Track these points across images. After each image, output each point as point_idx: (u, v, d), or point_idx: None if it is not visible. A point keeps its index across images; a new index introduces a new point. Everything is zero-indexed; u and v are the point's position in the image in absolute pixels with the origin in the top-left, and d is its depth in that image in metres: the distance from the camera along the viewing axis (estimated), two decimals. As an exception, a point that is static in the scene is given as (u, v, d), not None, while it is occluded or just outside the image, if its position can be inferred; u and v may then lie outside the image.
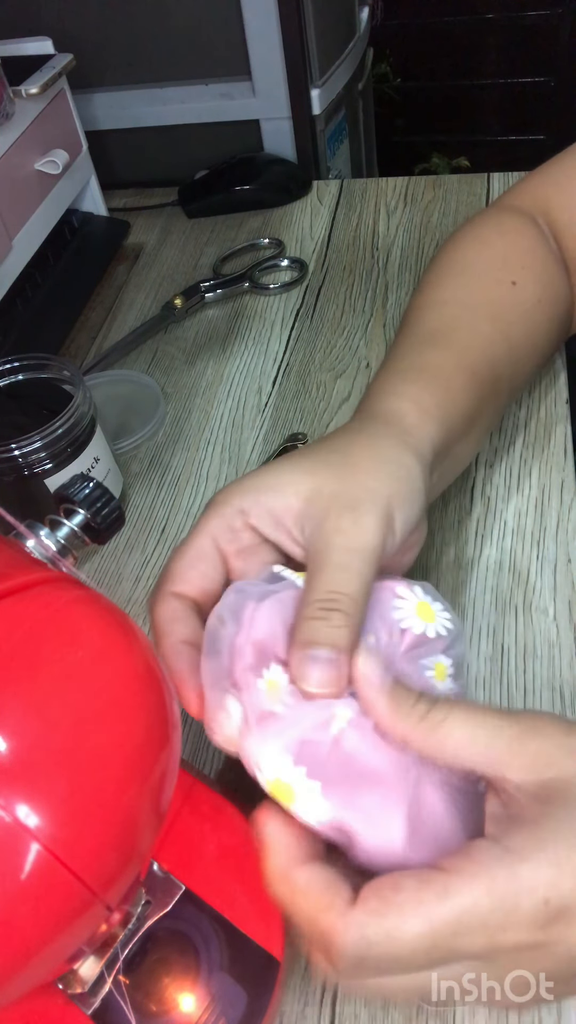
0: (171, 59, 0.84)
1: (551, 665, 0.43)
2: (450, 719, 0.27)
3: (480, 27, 1.71)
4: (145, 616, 0.49)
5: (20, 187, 0.66)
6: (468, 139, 1.85)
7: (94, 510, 0.35)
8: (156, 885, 0.33)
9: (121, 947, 0.31)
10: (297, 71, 0.81)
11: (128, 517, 0.56)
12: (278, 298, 0.72)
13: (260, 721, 0.29)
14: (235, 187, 0.83)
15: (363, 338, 0.66)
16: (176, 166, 0.88)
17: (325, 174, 0.92)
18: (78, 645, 0.24)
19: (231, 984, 0.31)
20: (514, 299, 0.46)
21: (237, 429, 0.61)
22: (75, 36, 0.77)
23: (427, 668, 0.32)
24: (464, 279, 0.47)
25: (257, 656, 0.30)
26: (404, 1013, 0.34)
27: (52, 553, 0.32)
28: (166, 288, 0.76)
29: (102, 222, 0.83)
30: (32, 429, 0.47)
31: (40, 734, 0.22)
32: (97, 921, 0.24)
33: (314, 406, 0.61)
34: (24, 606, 0.24)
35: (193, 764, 0.42)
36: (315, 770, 0.28)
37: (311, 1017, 0.34)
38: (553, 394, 0.57)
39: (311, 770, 0.28)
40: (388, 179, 0.83)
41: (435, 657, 0.32)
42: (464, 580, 0.48)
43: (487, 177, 0.81)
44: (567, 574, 0.47)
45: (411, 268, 0.72)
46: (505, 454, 0.54)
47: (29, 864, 0.21)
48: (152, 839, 0.26)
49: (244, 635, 0.30)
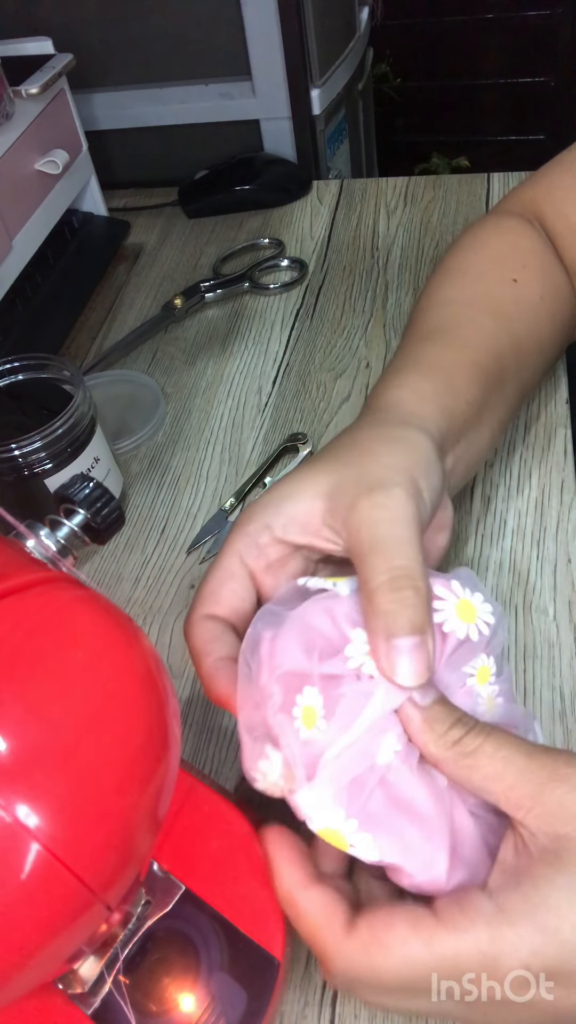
0: (171, 59, 0.84)
1: (551, 665, 0.43)
2: (481, 751, 0.27)
3: (480, 27, 1.71)
4: (145, 616, 0.50)
5: (20, 187, 0.66)
6: (468, 139, 1.85)
7: (94, 510, 0.35)
8: (156, 885, 0.33)
9: (121, 947, 0.31)
10: (297, 71, 0.81)
11: (128, 517, 0.56)
12: (278, 298, 0.72)
13: (304, 768, 0.28)
14: (235, 187, 0.83)
15: (363, 338, 0.66)
16: (176, 166, 0.88)
17: (325, 174, 0.92)
18: (78, 645, 0.24)
19: (231, 984, 0.31)
20: (515, 296, 0.46)
21: (237, 429, 0.61)
22: (75, 36, 0.77)
23: (469, 675, 0.31)
24: (466, 279, 0.47)
25: (286, 691, 0.29)
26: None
27: (52, 553, 0.32)
28: (166, 288, 0.76)
29: (102, 222, 0.83)
30: (32, 429, 0.47)
31: (40, 734, 0.22)
32: (97, 921, 0.24)
33: (314, 406, 0.61)
34: (24, 606, 0.24)
35: (193, 764, 0.42)
36: (365, 821, 0.27)
37: (311, 1017, 0.34)
38: (553, 395, 0.57)
39: (362, 823, 0.27)
40: (388, 179, 0.83)
41: (477, 660, 0.31)
42: (464, 580, 0.48)
43: (487, 177, 0.81)
44: (567, 574, 0.47)
45: (411, 268, 0.72)
46: (505, 454, 0.54)
47: (29, 864, 0.21)
48: (152, 839, 0.26)
49: (267, 673, 0.29)
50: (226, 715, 0.44)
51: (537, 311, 0.47)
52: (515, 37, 1.70)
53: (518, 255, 0.48)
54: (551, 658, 0.44)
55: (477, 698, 0.31)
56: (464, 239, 0.51)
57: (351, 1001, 0.35)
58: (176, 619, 0.49)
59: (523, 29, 1.68)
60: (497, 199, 0.78)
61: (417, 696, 0.28)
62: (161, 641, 0.48)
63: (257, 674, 0.30)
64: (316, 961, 0.28)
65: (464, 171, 1.55)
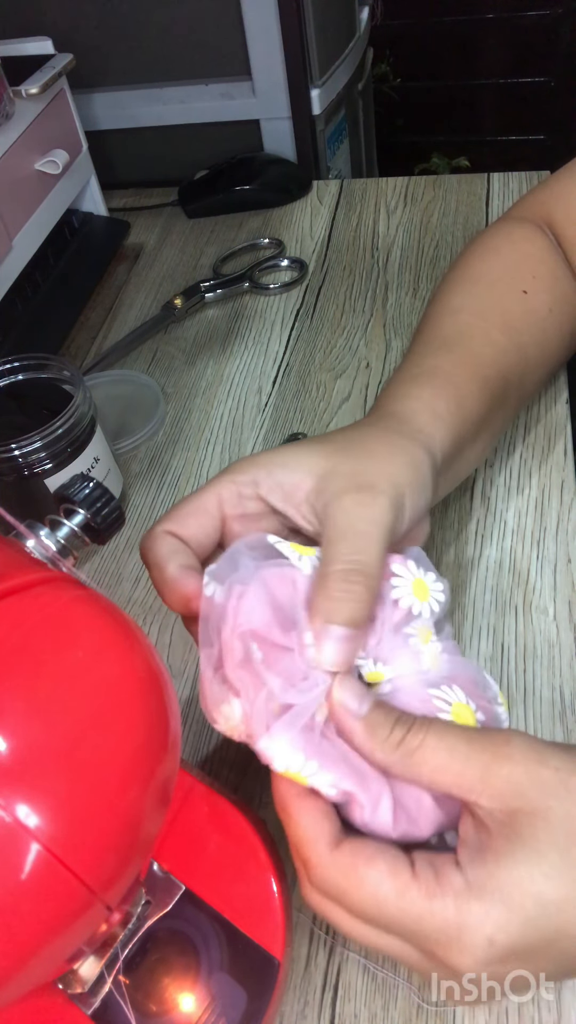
0: (171, 59, 0.84)
1: (551, 665, 0.44)
2: (424, 746, 0.28)
3: (480, 27, 1.71)
4: (145, 616, 0.50)
5: (20, 187, 0.66)
6: (468, 139, 1.85)
7: (94, 510, 0.35)
8: (156, 885, 0.33)
9: (121, 947, 0.31)
10: (297, 71, 0.81)
11: (128, 517, 0.56)
12: (278, 298, 0.72)
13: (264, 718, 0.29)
14: (235, 187, 0.83)
15: (363, 338, 0.66)
16: (176, 166, 0.88)
17: (325, 174, 0.92)
18: (78, 645, 0.24)
19: (231, 984, 0.31)
20: (525, 308, 0.46)
21: (237, 429, 0.61)
22: (75, 36, 0.78)
23: (410, 635, 0.32)
24: (477, 288, 0.48)
25: (245, 647, 0.30)
26: (404, 1013, 0.34)
27: (52, 553, 0.32)
28: (166, 288, 0.76)
29: (102, 222, 0.83)
30: (32, 429, 0.47)
31: (40, 734, 0.22)
32: (97, 921, 0.24)
33: (314, 406, 0.61)
34: (24, 606, 0.24)
35: (193, 764, 0.42)
36: (323, 761, 0.29)
37: (311, 1017, 0.34)
38: (554, 395, 0.57)
39: (321, 763, 0.29)
40: (388, 179, 0.83)
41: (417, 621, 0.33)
42: (464, 580, 0.48)
43: (487, 177, 0.81)
44: (567, 574, 0.47)
45: (411, 268, 0.72)
46: (505, 454, 0.54)
47: (29, 864, 0.21)
48: (152, 839, 0.26)
49: (229, 627, 0.31)
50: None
51: (545, 324, 0.47)
52: (515, 37, 1.70)
53: (529, 265, 0.48)
54: (551, 658, 0.44)
55: (420, 655, 0.32)
56: (476, 245, 0.51)
57: (351, 1001, 0.35)
58: (176, 619, 0.49)
59: (523, 29, 1.68)
60: (497, 199, 0.78)
61: (353, 704, 0.29)
62: (161, 641, 0.49)
63: (220, 622, 0.31)
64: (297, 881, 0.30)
65: (464, 171, 1.55)
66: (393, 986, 0.35)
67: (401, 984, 0.35)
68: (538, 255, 0.49)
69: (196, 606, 0.32)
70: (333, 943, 0.36)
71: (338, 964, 0.36)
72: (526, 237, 0.50)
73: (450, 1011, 0.34)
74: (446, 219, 0.77)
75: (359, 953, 0.36)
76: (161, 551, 0.35)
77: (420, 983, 0.34)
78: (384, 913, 0.27)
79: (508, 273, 0.48)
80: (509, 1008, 0.33)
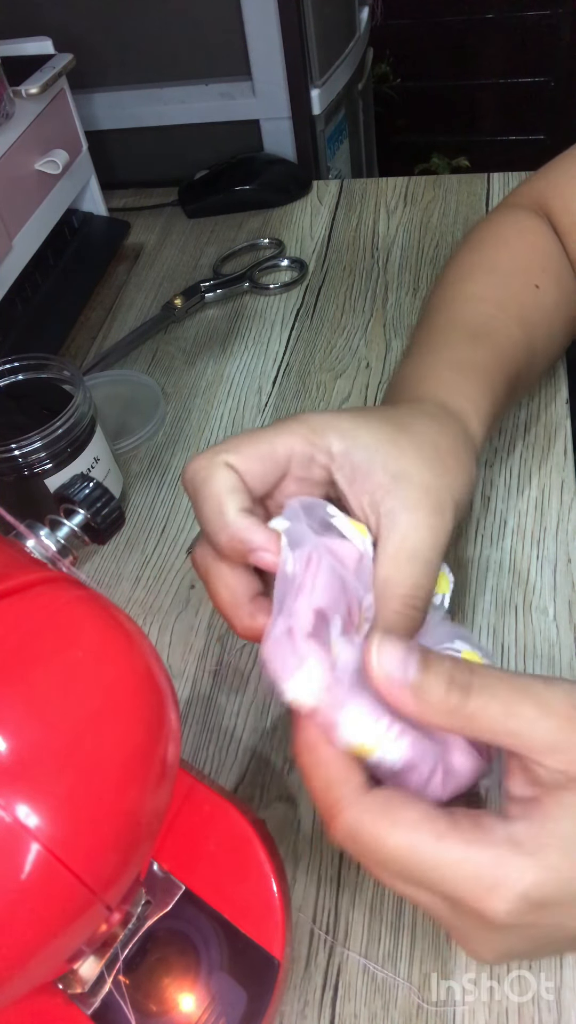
0: (171, 59, 0.84)
1: (551, 665, 0.43)
2: (487, 710, 0.27)
3: (480, 27, 1.71)
4: (145, 616, 0.50)
5: (20, 187, 0.66)
6: (468, 139, 1.85)
7: (94, 510, 0.35)
8: (156, 885, 0.33)
9: (121, 947, 0.31)
10: (297, 71, 0.81)
11: (128, 517, 0.56)
12: (278, 298, 0.72)
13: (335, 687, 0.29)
14: (235, 187, 0.83)
15: (363, 338, 0.66)
16: (176, 166, 0.88)
17: (325, 174, 0.92)
18: (78, 645, 0.24)
19: (231, 984, 0.31)
20: (536, 303, 0.47)
21: (237, 429, 0.61)
22: (75, 36, 0.77)
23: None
24: (494, 278, 0.47)
25: (318, 621, 0.30)
26: (404, 1013, 0.34)
27: (52, 553, 0.32)
28: (166, 288, 0.76)
29: (102, 222, 0.83)
30: (32, 429, 0.47)
31: (40, 734, 0.22)
32: (97, 921, 0.24)
33: (314, 406, 0.61)
34: (24, 606, 0.24)
35: (193, 764, 0.42)
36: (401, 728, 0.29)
37: (311, 1017, 0.34)
38: (553, 395, 0.57)
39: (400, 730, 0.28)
40: (388, 179, 0.83)
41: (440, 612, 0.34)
42: (464, 580, 0.48)
43: (487, 177, 0.81)
44: (567, 574, 0.47)
45: (411, 268, 0.72)
46: (505, 454, 0.54)
47: (29, 864, 0.21)
48: (152, 839, 0.26)
49: (305, 600, 0.30)
50: (226, 715, 0.44)
51: (552, 319, 0.47)
52: (515, 37, 1.71)
53: (538, 258, 0.49)
54: (551, 658, 0.44)
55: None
56: (483, 234, 0.51)
57: (351, 1001, 0.35)
58: (176, 619, 0.49)
59: (523, 29, 1.68)
60: (497, 199, 0.78)
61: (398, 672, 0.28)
62: (161, 641, 0.48)
63: (298, 592, 0.30)
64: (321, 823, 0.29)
65: (464, 171, 1.54)
66: (393, 986, 0.35)
67: (401, 984, 0.35)
68: (545, 248, 0.49)
69: (255, 559, 0.31)
70: (333, 943, 0.36)
71: (338, 964, 0.36)
72: (532, 228, 0.50)
73: (450, 1011, 0.34)
74: (446, 219, 0.77)
75: (359, 953, 0.36)
76: (221, 484, 0.31)
77: (420, 983, 0.34)
78: (419, 861, 0.26)
79: (521, 265, 0.48)
80: (509, 1008, 0.34)
